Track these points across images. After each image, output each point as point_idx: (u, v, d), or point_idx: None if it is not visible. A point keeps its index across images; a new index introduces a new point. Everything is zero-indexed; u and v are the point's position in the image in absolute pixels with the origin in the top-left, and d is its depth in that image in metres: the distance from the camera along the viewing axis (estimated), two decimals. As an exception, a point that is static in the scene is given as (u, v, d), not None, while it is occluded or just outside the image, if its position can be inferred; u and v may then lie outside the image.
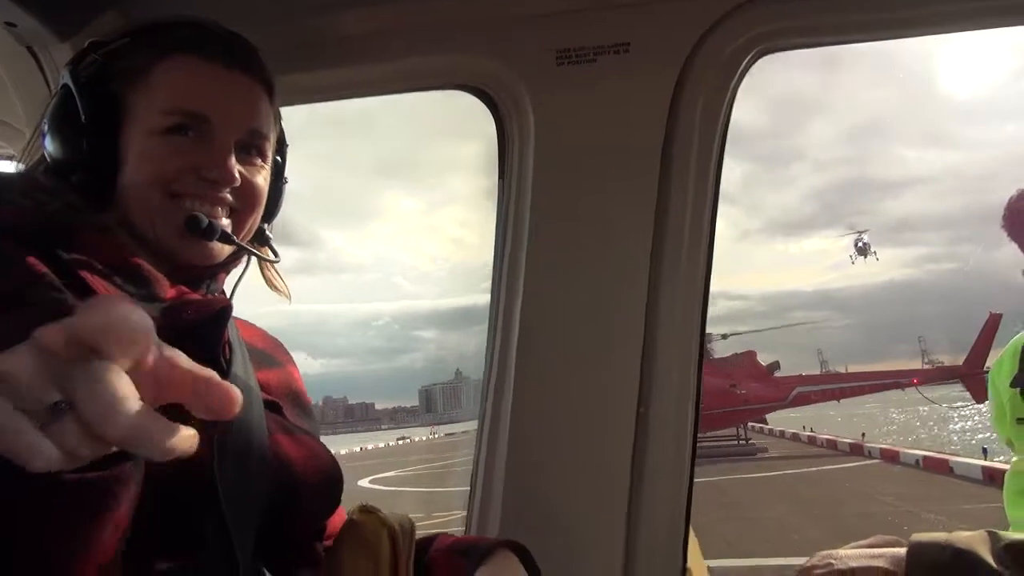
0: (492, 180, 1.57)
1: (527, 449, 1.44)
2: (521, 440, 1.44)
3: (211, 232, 1.03)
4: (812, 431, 26.24)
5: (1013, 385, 1.95)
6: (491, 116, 1.51)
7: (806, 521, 10.64)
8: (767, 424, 30.95)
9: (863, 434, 22.74)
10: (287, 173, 1.21)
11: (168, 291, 1.02)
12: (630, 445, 1.41)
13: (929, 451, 17.43)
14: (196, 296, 1.04)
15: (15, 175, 1.07)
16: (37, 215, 0.96)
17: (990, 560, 0.90)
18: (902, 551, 0.98)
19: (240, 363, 1.03)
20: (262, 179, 1.11)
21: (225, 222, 1.06)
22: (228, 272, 1.14)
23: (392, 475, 22.82)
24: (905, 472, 15.92)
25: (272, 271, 1.23)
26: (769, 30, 1.39)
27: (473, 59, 1.45)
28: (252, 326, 1.21)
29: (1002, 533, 0.94)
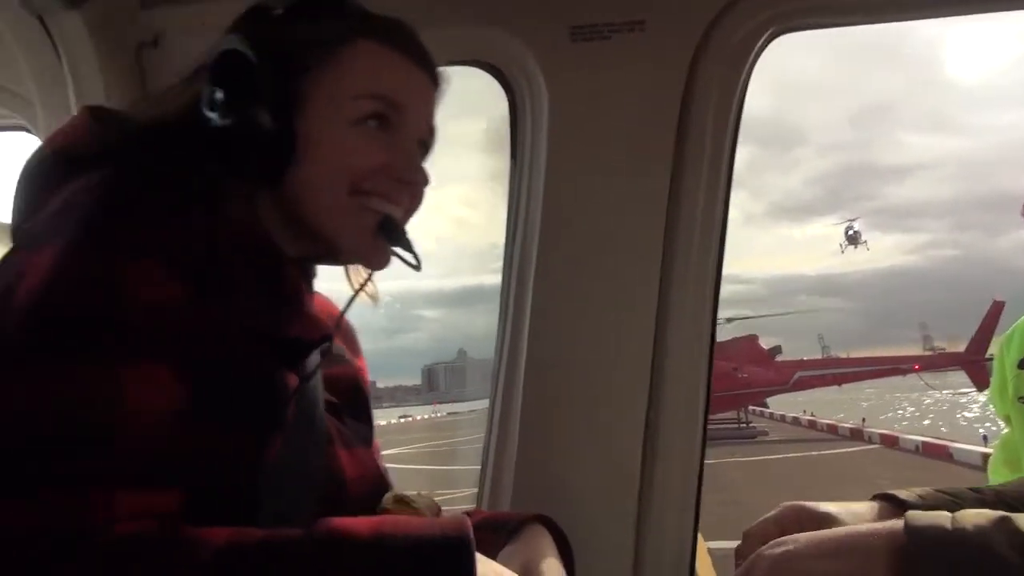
0: (497, 160, 1.56)
1: (538, 430, 1.43)
2: (532, 421, 1.44)
3: (401, 236, 0.96)
4: (813, 415, 26.32)
5: (1021, 367, 1.99)
6: (502, 94, 1.49)
7: (805, 505, 10.69)
8: (768, 408, 31.05)
9: (864, 419, 22.78)
10: None
11: (288, 293, 0.95)
12: (641, 427, 1.40)
13: (928, 437, 17.47)
14: (311, 311, 0.98)
15: (177, 129, 0.93)
16: (193, 176, 0.88)
17: (1004, 549, 0.72)
18: (875, 533, 0.78)
19: (315, 385, 0.96)
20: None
21: None
22: None
23: (396, 452, 22.95)
24: (905, 457, 15.97)
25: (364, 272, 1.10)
26: (785, 10, 1.37)
27: (486, 33, 1.43)
28: (331, 307, 1.12)
29: (1015, 517, 0.75)
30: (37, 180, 0.92)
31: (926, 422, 24.63)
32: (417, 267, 1.01)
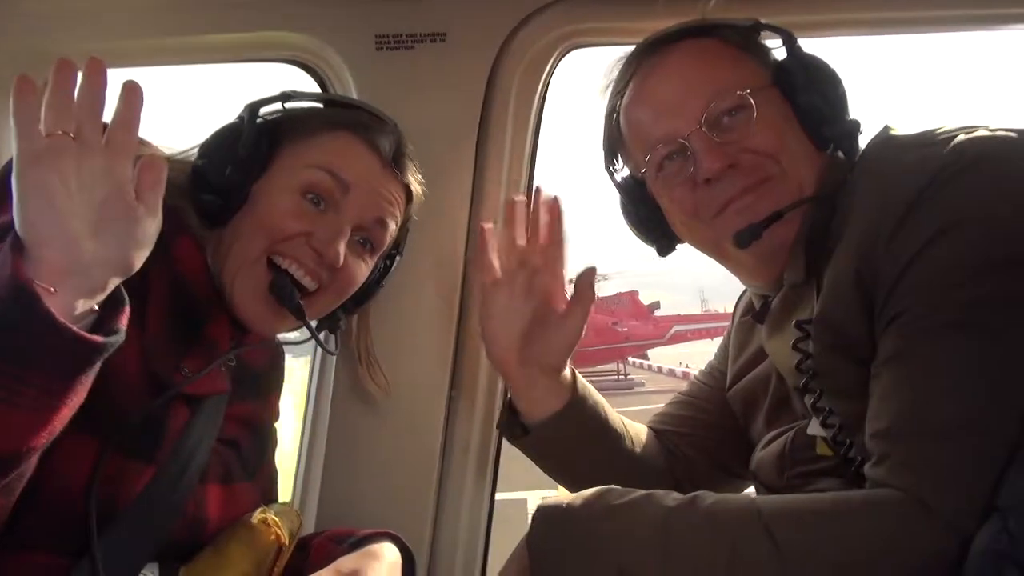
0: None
1: (347, 422, 1.49)
2: (341, 413, 1.49)
3: (287, 296, 1.07)
4: (688, 367, 27.50)
5: None
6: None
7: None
8: (648, 360, 32.24)
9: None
10: None
11: (214, 334, 1.08)
12: (442, 422, 1.51)
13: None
14: (217, 370, 1.08)
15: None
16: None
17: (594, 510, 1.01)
18: None
19: (204, 422, 1.07)
20: (362, 271, 1.17)
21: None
22: None
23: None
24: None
25: (373, 364, 1.34)
26: (577, 28, 1.49)
27: (299, 37, 1.49)
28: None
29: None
30: None
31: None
32: (315, 338, 1.17)
